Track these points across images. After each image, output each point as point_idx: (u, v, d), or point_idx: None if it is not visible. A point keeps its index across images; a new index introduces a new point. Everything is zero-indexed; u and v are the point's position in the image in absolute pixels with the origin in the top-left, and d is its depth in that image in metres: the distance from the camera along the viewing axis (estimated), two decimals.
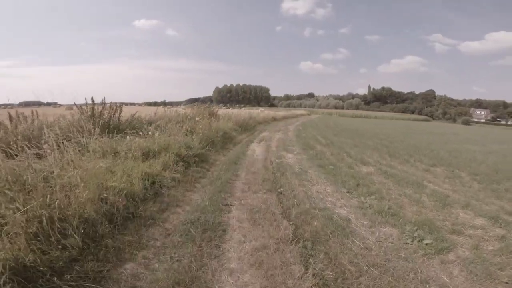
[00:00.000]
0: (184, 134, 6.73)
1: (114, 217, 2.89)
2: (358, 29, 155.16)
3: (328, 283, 2.23)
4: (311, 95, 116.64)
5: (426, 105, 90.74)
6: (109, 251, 2.44)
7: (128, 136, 5.16)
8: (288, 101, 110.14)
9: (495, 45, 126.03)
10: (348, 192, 4.50)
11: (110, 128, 6.38)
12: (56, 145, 3.30)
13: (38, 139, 4.08)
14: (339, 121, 29.83)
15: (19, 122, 4.84)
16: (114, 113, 6.53)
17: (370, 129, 18.97)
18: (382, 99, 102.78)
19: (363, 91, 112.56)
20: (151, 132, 5.58)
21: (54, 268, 2.04)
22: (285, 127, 16.36)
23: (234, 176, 5.08)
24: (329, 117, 42.97)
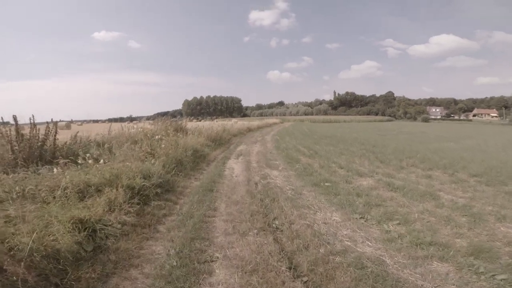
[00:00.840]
0: (142, 158, 5.34)
1: None
2: (320, 38, 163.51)
3: None
4: (282, 103, 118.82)
5: (388, 106, 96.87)
6: None
7: (56, 168, 3.68)
8: (260, 110, 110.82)
9: (438, 48, 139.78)
10: (363, 218, 3.52)
11: (43, 155, 4.86)
12: None
13: None
14: (313, 128, 29.74)
15: None
16: (46, 136, 5.01)
17: (347, 134, 18.76)
18: (347, 103, 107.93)
19: (329, 97, 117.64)
20: (91, 160, 4.14)
21: None
22: (262, 138, 15.36)
23: (212, 211, 3.81)
24: (302, 124, 43.17)
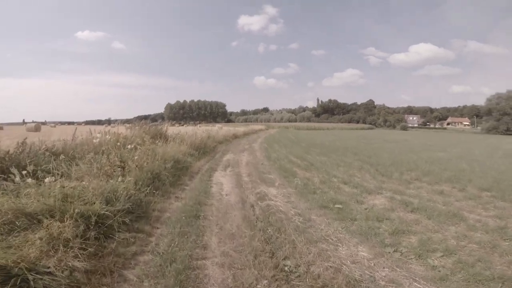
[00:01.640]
0: (109, 173, 4.27)
1: None
2: (306, 44, 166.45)
3: None
4: (266, 110, 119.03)
5: (368, 114, 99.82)
6: None
7: None
8: (245, 116, 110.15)
9: (417, 56, 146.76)
10: (397, 252, 2.89)
11: None
12: None
13: None
14: (299, 135, 29.34)
15: None
16: None
17: (335, 143, 18.39)
18: (330, 111, 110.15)
19: (312, 104, 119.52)
20: (30, 179, 3.07)
21: None
22: (250, 146, 14.48)
23: (200, 249, 2.86)
24: (287, 131, 42.89)
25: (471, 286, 2.31)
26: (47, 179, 3.08)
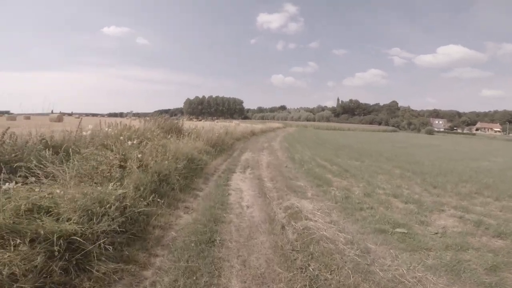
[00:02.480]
0: (105, 175, 3.41)
1: None
2: (327, 44, 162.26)
3: None
4: (283, 108, 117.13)
5: (391, 116, 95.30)
6: None
7: None
8: (262, 114, 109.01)
9: (445, 58, 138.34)
10: None
11: None
12: None
13: None
14: (320, 135, 27.87)
15: None
16: None
17: (363, 145, 16.96)
18: (350, 111, 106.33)
19: (331, 104, 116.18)
20: None
21: None
22: (269, 144, 13.43)
23: None
24: (306, 130, 41.35)
25: None
26: (6, 185, 2.21)
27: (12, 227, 1.92)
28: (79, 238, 2.10)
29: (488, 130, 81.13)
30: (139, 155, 3.74)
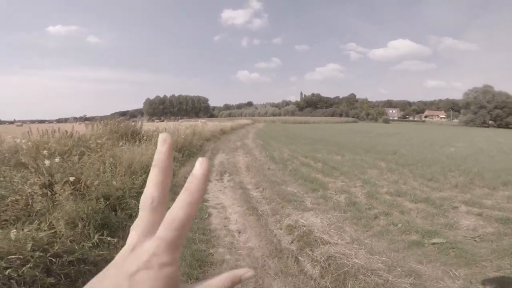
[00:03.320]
0: (19, 207, 2.18)
1: None
2: (289, 39, 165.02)
3: None
4: (250, 104, 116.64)
5: (350, 108, 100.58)
6: None
7: None
8: (229, 111, 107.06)
9: (395, 52, 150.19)
10: None
11: None
12: None
13: None
14: (290, 129, 27.65)
15: None
16: None
17: (335, 137, 16.91)
18: (313, 105, 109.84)
19: (295, 98, 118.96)
20: None
21: None
22: (242, 142, 12.47)
23: None
24: (275, 125, 41.12)
25: None
26: None
27: None
28: None
29: (435, 117, 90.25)
30: (71, 178, 2.52)
